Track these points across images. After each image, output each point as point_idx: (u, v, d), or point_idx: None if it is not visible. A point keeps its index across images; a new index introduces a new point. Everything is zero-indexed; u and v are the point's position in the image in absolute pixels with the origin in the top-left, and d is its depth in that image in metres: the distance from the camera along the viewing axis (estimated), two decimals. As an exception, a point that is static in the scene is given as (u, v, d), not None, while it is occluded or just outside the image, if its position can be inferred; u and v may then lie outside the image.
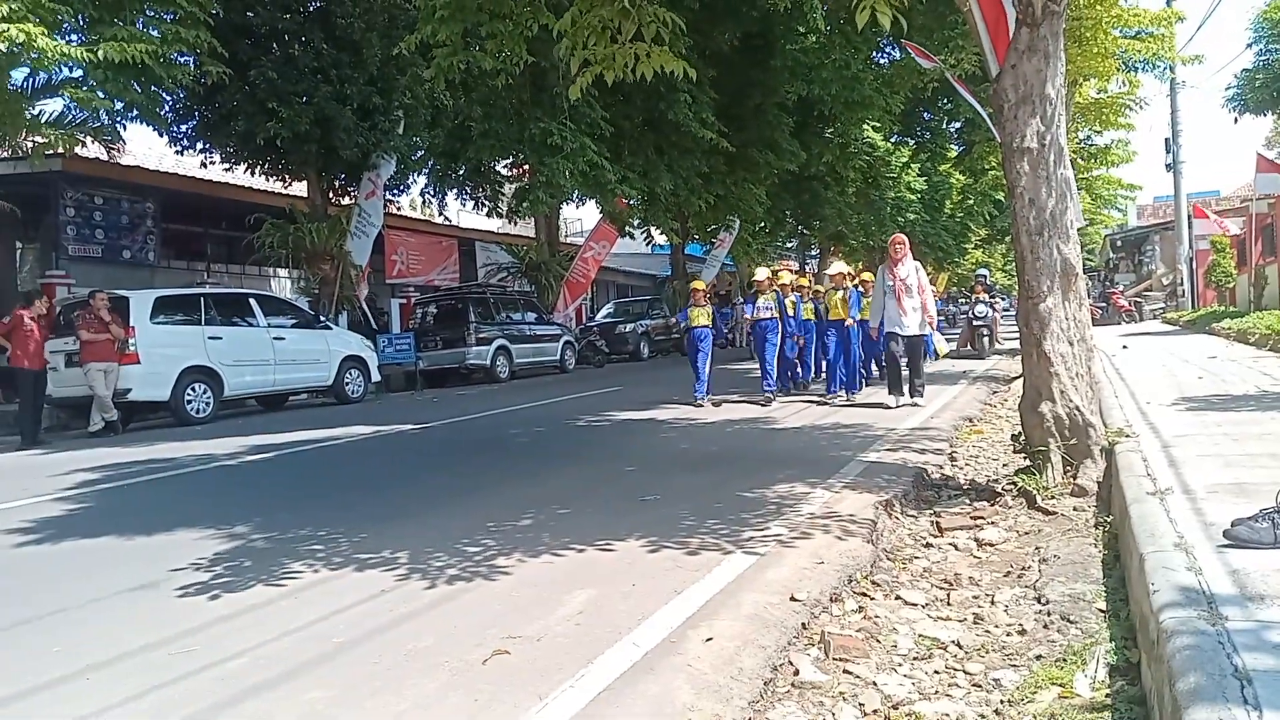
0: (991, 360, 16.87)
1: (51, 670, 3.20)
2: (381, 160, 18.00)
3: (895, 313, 9.72)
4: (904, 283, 9.65)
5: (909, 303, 9.63)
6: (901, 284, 9.65)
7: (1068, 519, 4.70)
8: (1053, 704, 2.64)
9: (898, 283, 9.67)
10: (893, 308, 9.73)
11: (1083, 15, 13.76)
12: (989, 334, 18.39)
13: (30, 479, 7.93)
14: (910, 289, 9.65)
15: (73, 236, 16.96)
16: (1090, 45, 14.43)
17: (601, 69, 6.28)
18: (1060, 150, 5.31)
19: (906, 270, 9.71)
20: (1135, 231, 39.45)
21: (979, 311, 18.38)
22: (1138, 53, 16.03)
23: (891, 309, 9.75)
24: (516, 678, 2.88)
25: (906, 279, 9.67)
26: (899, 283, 9.66)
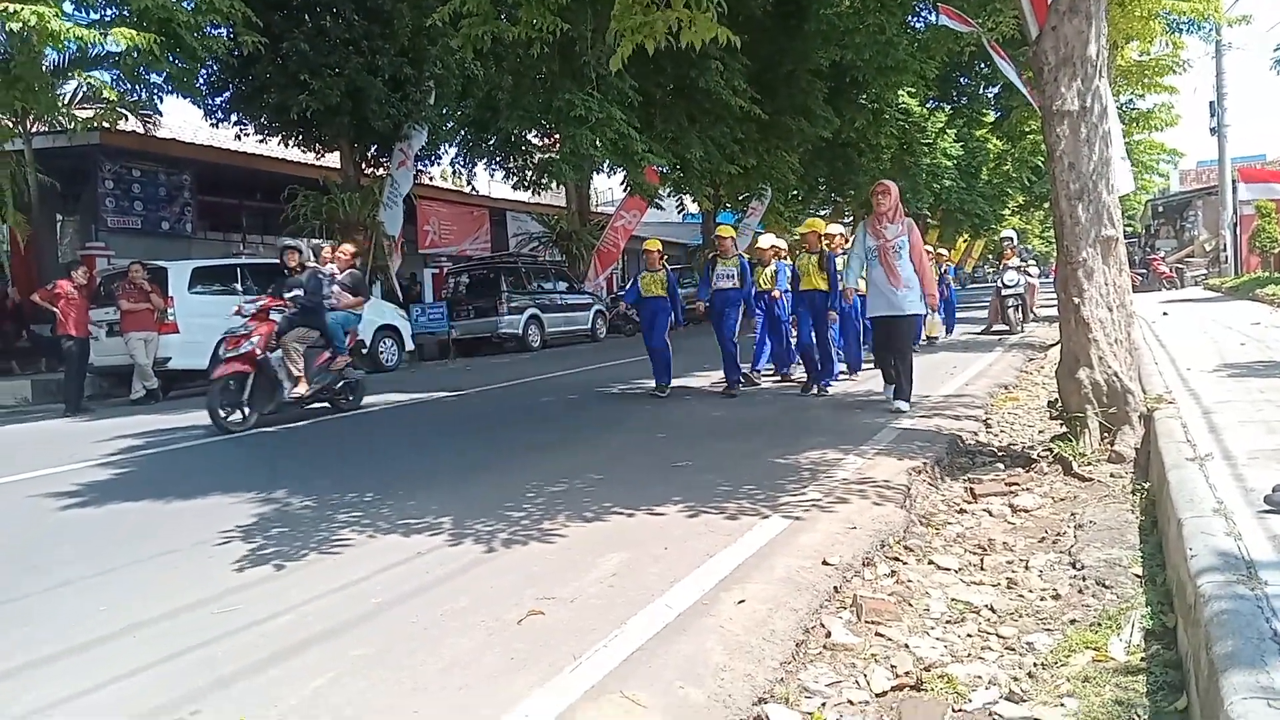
0: (1030, 327, 16.62)
1: (97, 629, 3.29)
2: (413, 131, 18.01)
3: (884, 285, 7.28)
4: (893, 245, 7.21)
5: (903, 271, 7.21)
6: (890, 246, 7.22)
7: (1104, 485, 4.66)
8: (1086, 667, 2.63)
9: (884, 244, 7.23)
10: (880, 278, 7.30)
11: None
12: (1020, 306, 15.93)
13: (75, 445, 8.12)
14: (901, 253, 7.22)
15: (111, 209, 17.21)
16: (1133, 6, 14.04)
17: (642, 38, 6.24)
18: (1101, 113, 5.20)
19: (896, 228, 7.27)
20: (1177, 197, 38.59)
21: (1008, 280, 15.88)
22: (1182, 13, 15.57)
23: (878, 279, 7.32)
24: (551, 638, 2.93)
25: (895, 240, 7.22)
26: (886, 244, 7.23)
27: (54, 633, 3.28)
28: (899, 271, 7.17)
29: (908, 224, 7.33)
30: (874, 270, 7.33)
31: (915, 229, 7.36)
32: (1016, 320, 15.75)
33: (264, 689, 2.69)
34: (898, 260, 7.17)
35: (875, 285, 7.38)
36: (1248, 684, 1.86)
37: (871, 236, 7.34)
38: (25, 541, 4.80)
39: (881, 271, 7.26)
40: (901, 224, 7.29)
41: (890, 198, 7.34)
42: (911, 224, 7.37)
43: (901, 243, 7.21)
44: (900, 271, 7.17)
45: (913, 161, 29.69)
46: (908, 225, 7.31)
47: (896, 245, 7.20)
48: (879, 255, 7.25)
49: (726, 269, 9.24)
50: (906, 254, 7.21)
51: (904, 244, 7.21)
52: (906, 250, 7.21)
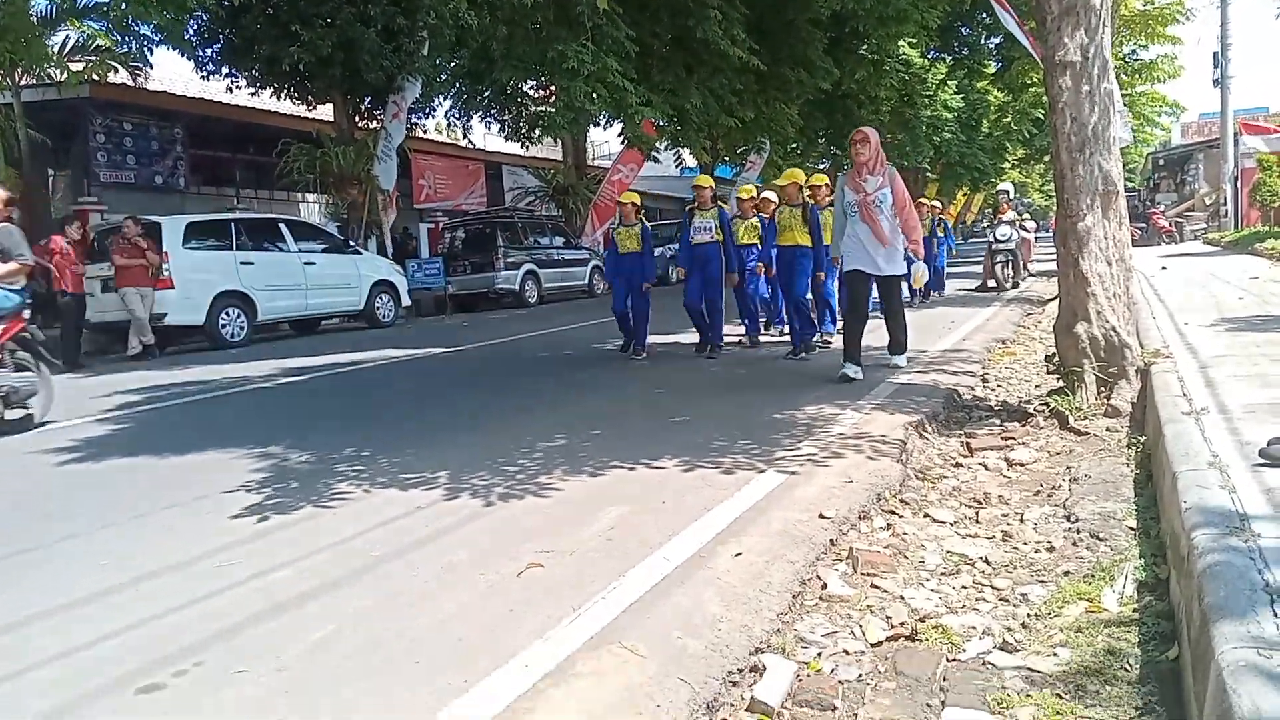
0: (1027, 282, 16.56)
1: (100, 582, 3.32)
2: (406, 83, 17.78)
3: (868, 242, 6.72)
4: (874, 199, 6.61)
5: (886, 226, 6.65)
6: (871, 200, 6.62)
7: (1100, 439, 4.68)
8: (1079, 618, 2.66)
9: (865, 199, 6.64)
10: (864, 234, 6.72)
11: (1131, -79, 13.16)
12: (1012, 262, 15.34)
13: (72, 401, 8.11)
14: (883, 207, 6.63)
15: (104, 163, 17.04)
16: (1137, -47, 13.82)
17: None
18: (1104, 64, 5.14)
19: (877, 180, 6.65)
20: (1178, 150, 38.33)
21: (1000, 235, 15.32)
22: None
23: (863, 235, 6.73)
24: (550, 590, 2.95)
25: (877, 194, 6.61)
26: (866, 198, 6.63)
27: (57, 586, 3.31)
28: (882, 227, 6.62)
29: (889, 174, 6.68)
30: (855, 226, 6.74)
31: (898, 179, 6.75)
32: (1006, 277, 15.17)
33: (265, 641, 2.72)
34: (879, 214, 6.60)
35: (856, 241, 6.77)
36: (1238, 634, 1.88)
37: (851, 190, 6.72)
38: (26, 497, 4.82)
39: (865, 228, 6.68)
40: (883, 174, 6.65)
41: (870, 146, 6.65)
42: (894, 174, 6.73)
43: (883, 195, 6.61)
44: (884, 227, 6.62)
45: (913, 114, 29.35)
46: (890, 175, 6.68)
47: (878, 198, 6.61)
48: (859, 211, 6.67)
49: (704, 221, 8.70)
50: (889, 208, 6.65)
51: (886, 196, 6.62)
52: (889, 203, 6.64)
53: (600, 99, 15.77)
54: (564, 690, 2.28)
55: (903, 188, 6.77)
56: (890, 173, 6.70)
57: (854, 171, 6.77)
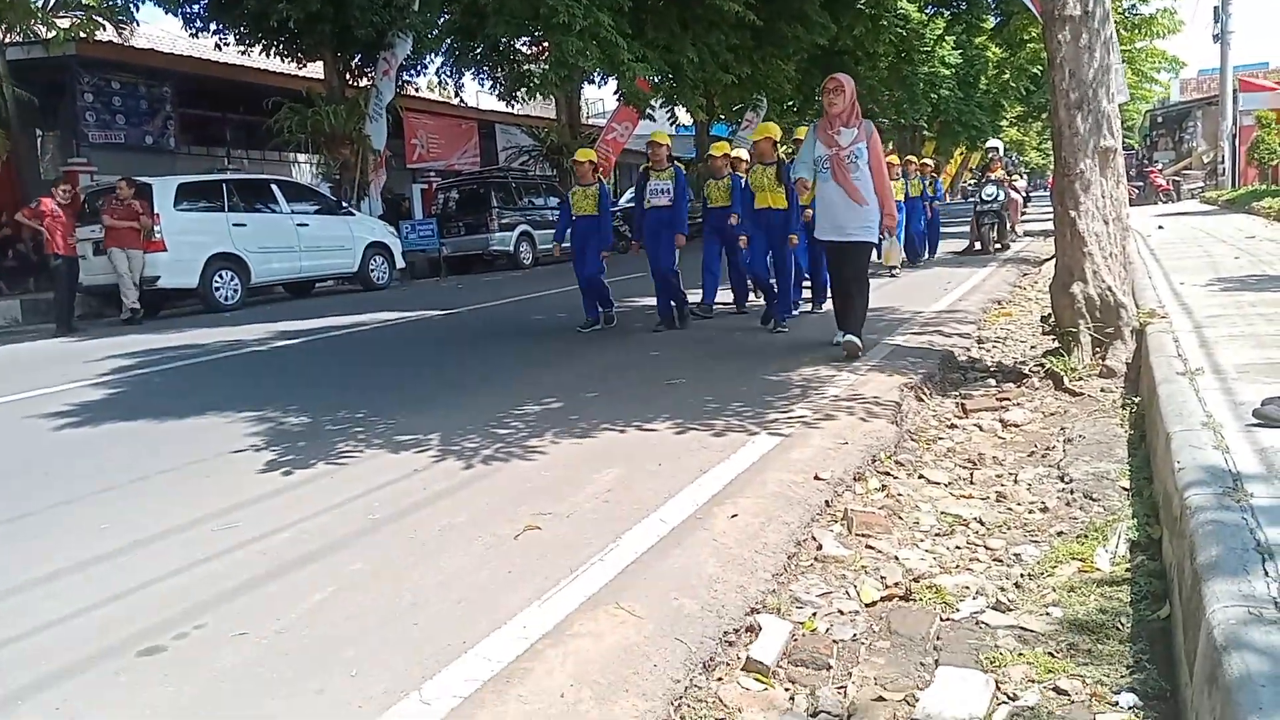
0: (1023, 242, 16.48)
1: (100, 546, 3.33)
2: (397, 39, 17.54)
3: (840, 203, 5.99)
4: (848, 154, 5.92)
5: (861, 186, 5.93)
6: (844, 156, 5.92)
7: (1095, 400, 4.69)
8: (1072, 578, 2.69)
9: (837, 153, 5.92)
10: (836, 195, 5.99)
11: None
12: (998, 224, 14.51)
13: (68, 365, 8.11)
14: (858, 163, 5.92)
15: (93, 123, 16.84)
16: (1140, -95, 13.61)
17: None
18: (1104, 17, 5.08)
19: (852, 133, 5.95)
20: (1177, 107, 38.03)
21: (987, 194, 14.45)
22: (1190, -88, 15.09)
23: (834, 196, 6.00)
24: (548, 552, 2.97)
25: (851, 148, 5.92)
26: (839, 153, 5.92)
27: (56, 551, 3.32)
28: (855, 185, 5.91)
29: (866, 128, 5.98)
30: (825, 185, 6.03)
31: (875, 135, 6.04)
32: (991, 239, 14.46)
33: (265, 603, 2.74)
34: (854, 172, 5.89)
35: (825, 203, 6.08)
36: (1229, 592, 1.89)
37: (822, 144, 6.00)
38: (23, 462, 4.82)
39: (835, 187, 5.97)
40: (859, 127, 5.94)
41: (844, 95, 5.94)
42: (871, 128, 6.01)
43: (859, 150, 5.91)
44: (858, 185, 5.91)
45: (910, 70, 29.05)
46: (866, 130, 5.97)
47: (852, 154, 5.91)
48: (831, 167, 5.95)
49: (660, 183, 7.93)
50: (865, 164, 5.92)
51: (861, 152, 5.91)
52: (865, 160, 5.92)
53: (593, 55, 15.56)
54: (561, 651, 2.31)
55: (879, 146, 6.08)
56: (867, 127, 5.98)
57: (825, 122, 6.02)
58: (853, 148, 5.91)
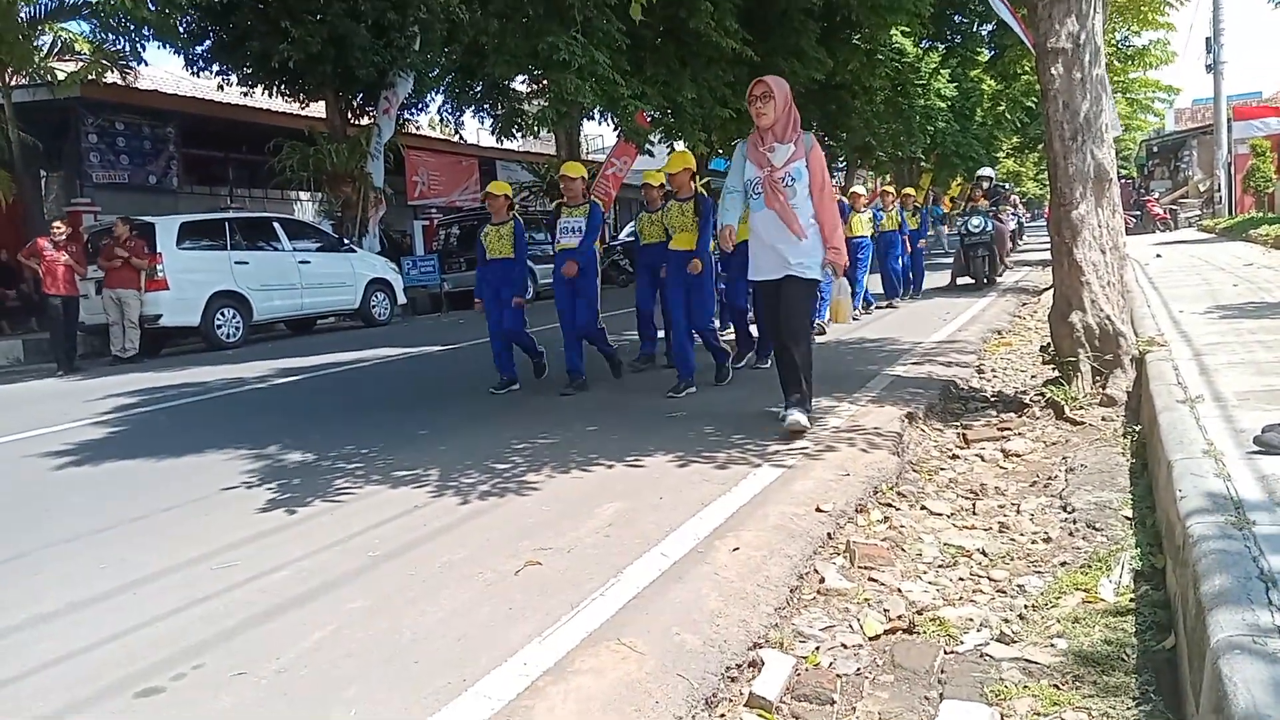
0: (1022, 272, 16.50)
1: (99, 585, 3.31)
2: (398, 79, 17.74)
3: (776, 234, 4.84)
4: (782, 175, 4.78)
5: (800, 213, 4.78)
6: (778, 177, 4.78)
7: (1096, 429, 4.69)
8: (1076, 608, 2.67)
9: (770, 174, 4.80)
10: (770, 224, 4.86)
11: (1122, -92, 13.16)
12: (988, 256, 13.53)
13: (68, 404, 8.11)
14: (795, 186, 4.78)
15: (96, 163, 16.99)
16: (1130, -61, 13.81)
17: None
18: (1096, 51, 5.14)
19: (787, 150, 4.80)
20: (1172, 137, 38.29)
21: (973, 225, 13.42)
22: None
23: (768, 226, 4.87)
24: (548, 588, 2.95)
25: (787, 168, 4.78)
26: (773, 174, 4.80)
27: (56, 590, 3.31)
28: (793, 214, 4.77)
29: (805, 142, 4.86)
30: (757, 215, 4.90)
31: (818, 151, 4.90)
32: (981, 273, 13.43)
33: (265, 642, 2.72)
34: (791, 197, 4.77)
35: (757, 236, 4.95)
36: (1234, 621, 1.88)
37: (752, 164, 4.91)
38: (22, 500, 4.81)
39: (768, 216, 4.83)
40: (796, 142, 4.83)
41: (774, 103, 4.76)
42: (811, 143, 4.89)
43: (796, 171, 4.78)
44: (796, 214, 4.78)
45: (907, 103, 29.34)
46: (805, 145, 4.84)
47: (788, 175, 4.76)
48: (763, 191, 4.83)
49: (572, 220, 6.79)
50: (804, 187, 4.80)
51: (799, 172, 4.78)
52: (804, 182, 4.79)
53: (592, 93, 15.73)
54: (563, 688, 2.29)
55: (822, 164, 4.91)
56: (807, 142, 4.87)
57: (755, 138, 4.91)
58: (788, 168, 4.78)
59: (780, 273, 4.86)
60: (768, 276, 4.94)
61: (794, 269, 4.83)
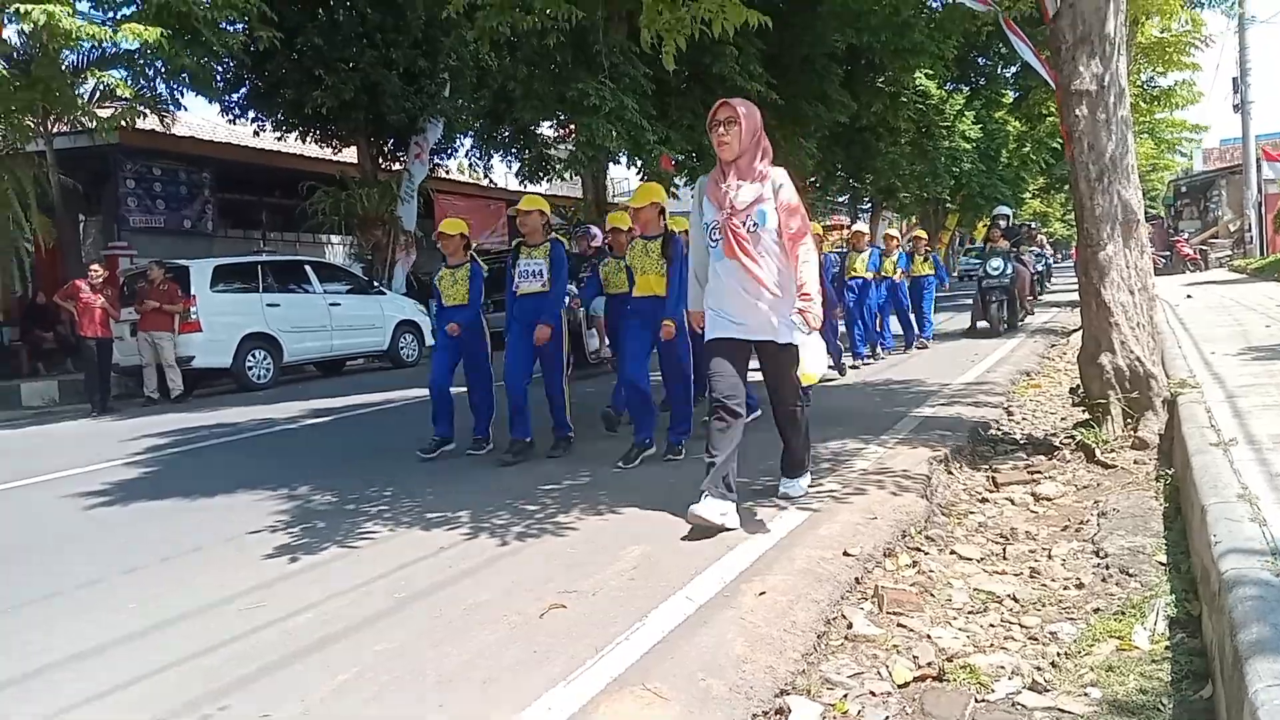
0: (1051, 313, 16.36)
1: (127, 625, 3.34)
2: (428, 124, 18.07)
3: (738, 289, 3.99)
4: (745, 219, 3.94)
5: (770, 264, 3.97)
6: (739, 221, 3.94)
7: (1128, 472, 4.62)
8: (1110, 656, 2.62)
9: (729, 218, 3.94)
10: (733, 276, 3.99)
11: (1145, -49, 13.24)
12: (1007, 301, 12.63)
13: (101, 445, 8.22)
14: (759, 233, 3.94)
15: (134, 208, 17.38)
16: (1153, -18, 13.86)
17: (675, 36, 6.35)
18: (1120, 92, 5.15)
19: (754, 189, 3.96)
20: (1201, 176, 38.11)
21: (992, 268, 12.56)
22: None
23: (730, 279, 4.00)
24: (573, 630, 2.94)
25: (750, 210, 3.94)
26: (732, 217, 3.94)
27: (86, 629, 3.33)
28: (760, 265, 3.91)
29: (774, 179, 3.97)
30: (716, 265, 4.05)
31: (789, 187, 4.00)
32: (999, 319, 12.50)
33: (290, 684, 2.72)
34: (754, 244, 3.91)
35: (716, 290, 4.07)
36: (1273, 671, 1.84)
37: (711, 203, 4.05)
38: (55, 540, 4.87)
39: (730, 267, 3.96)
40: (763, 180, 3.96)
41: (739, 131, 3.90)
42: (783, 180, 3.99)
43: (760, 214, 3.91)
44: (764, 266, 3.92)
45: (931, 145, 29.47)
46: (775, 183, 3.97)
47: (752, 219, 3.92)
48: (723, 236, 3.95)
49: (532, 263, 5.94)
50: (771, 234, 3.94)
51: (765, 216, 3.92)
52: (771, 226, 3.93)
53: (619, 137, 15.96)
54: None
55: (795, 204, 3.99)
56: (775, 178, 3.99)
57: (717, 172, 4.06)
58: (752, 210, 3.92)
59: (743, 333, 4.00)
60: (725, 335, 4.01)
61: (765, 331, 3.99)
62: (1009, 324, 12.85)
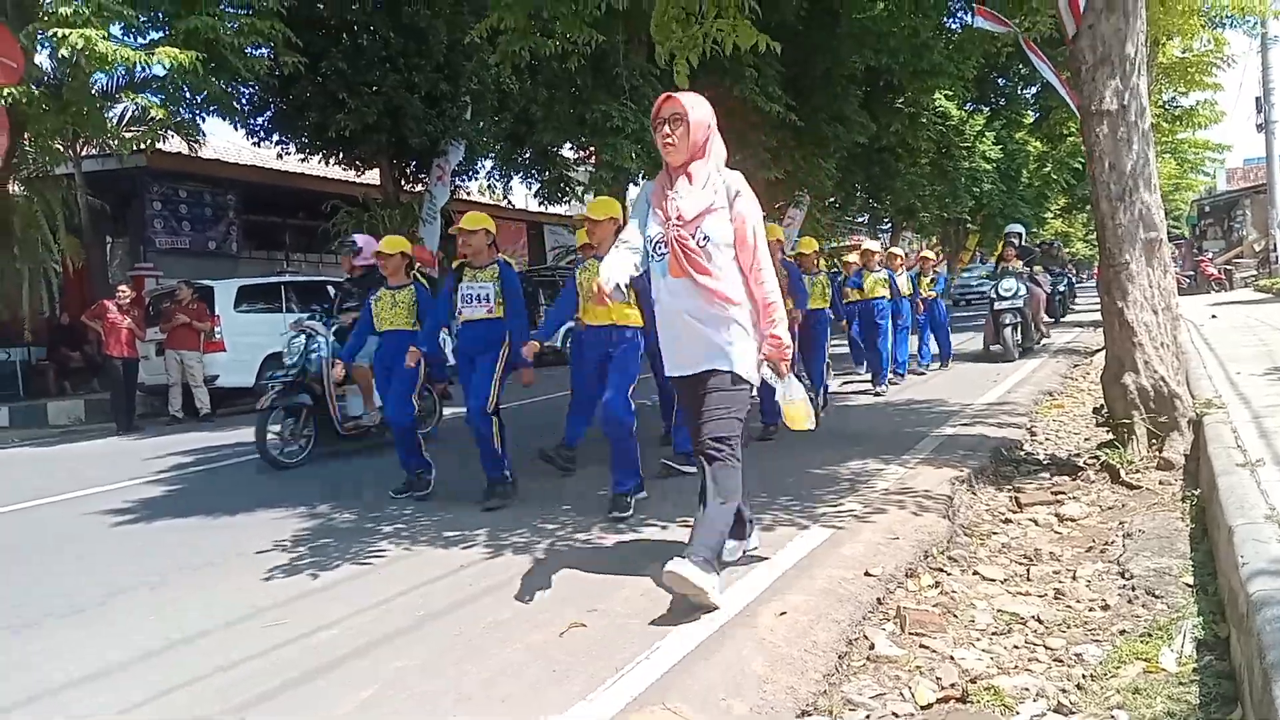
0: (1074, 333, 16.26)
1: (150, 641, 3.37)
2: (450, 147, 18.23)
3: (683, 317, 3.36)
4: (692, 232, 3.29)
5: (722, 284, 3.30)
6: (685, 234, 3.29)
7: (1153, 493, 4.57)
8: (1137, 678, 2.59)
9: (678, 231, 3.30)
10: (680, 295, 3.34)
11: (1165, -29, 13.20)
12: (1021, 325, 12.03)
13: (127, 463, 8.30)
14: (709, 249, 3.29)
15: (160, 229, 17.63)
16: (1173, 2, 13.80)
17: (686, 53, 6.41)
18: (1142, 111, 5.14)
19: (704, 197, 3.34)
20: (1224, 196, 37.81)
21: (1004, 289, 11.90)
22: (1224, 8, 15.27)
23: (677, 299, 3.35)
24: (593, 649, 2.94)
25: (699, 221, 3.30)
26: (681, 230, 3.30)
27: (107, 645, 3.36)
28: (710, 286, 3.27)
29: (730, 187, 3.35)
30: (661, 281, 3.40)
31: (747, 198, 3.35)
32: (1014, 343, 11.81)
33: (311, 701, 2.73)
34: (706, 262, 3.27)
35: (667, 311, 3.42)
36: (1303, 695, 1.81)
37: (657, 213, 3.41)
38: (79, 557, 4.91)
39: (680, 286, 3.32)
40: (715, 186, 3.35)
41: (687, 130, 3.32)
42: (739, 188, 3.35)
43: (712, 227, 3.29)
44: (714, 285, 3.27)
45: (951, 166, 29.42)
46: (730, 191, 3.34)
47: (701, 232, 3.28)
48: (669, 251, 3.32)
49: (476, 287, 5.32)
50: (725, 248, 3.30)
51: (717, 230, 3.28)
52: (723, 240, 3.29)
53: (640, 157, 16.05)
54: (608, 752, 2.26)
55: (753, 215, 3.36)
56: (729, 183, 3.36)
57: (664, 176, 3.47)
58: (700, 222, 3.29)
59: (692, 368, 3.39)
60: (686, 371, 3.42)
61: (711, 362, 3.31)
62: (1023, 348, 12.23)
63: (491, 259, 5.42)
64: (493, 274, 5.35)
